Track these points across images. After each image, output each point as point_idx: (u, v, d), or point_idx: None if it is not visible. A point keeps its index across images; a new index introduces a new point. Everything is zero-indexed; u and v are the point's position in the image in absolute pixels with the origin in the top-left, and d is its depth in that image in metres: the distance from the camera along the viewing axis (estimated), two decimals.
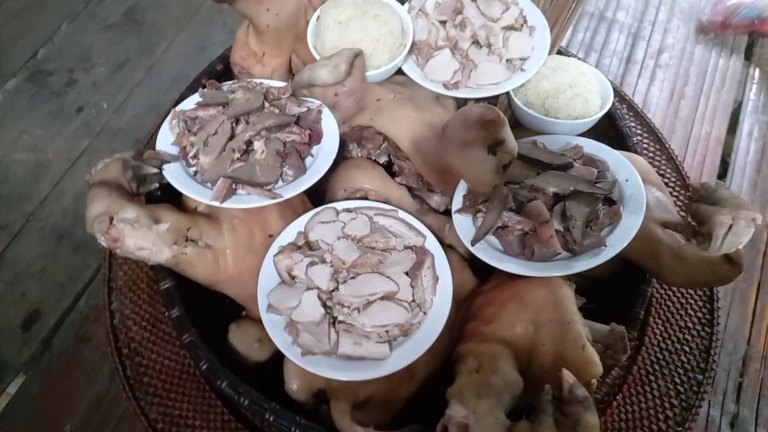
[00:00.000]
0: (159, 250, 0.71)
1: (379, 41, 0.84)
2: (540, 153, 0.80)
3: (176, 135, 0.81)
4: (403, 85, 0.88)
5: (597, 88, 0.90)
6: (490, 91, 0.87)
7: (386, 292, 0.71)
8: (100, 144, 1.50)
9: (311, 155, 0.83)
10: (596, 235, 0.72)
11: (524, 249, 0.75)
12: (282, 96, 0.83)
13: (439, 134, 0.78)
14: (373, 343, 0.70)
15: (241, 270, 0.76)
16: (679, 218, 0.76)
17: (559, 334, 0.66)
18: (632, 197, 0.76)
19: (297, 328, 0.70)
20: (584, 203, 0.73)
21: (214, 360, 0.72)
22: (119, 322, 0.89)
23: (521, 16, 0.92)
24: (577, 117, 0.86)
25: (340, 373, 0.68)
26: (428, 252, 0.78)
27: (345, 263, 0.72)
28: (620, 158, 0.80)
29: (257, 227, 0.78)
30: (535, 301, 0.69)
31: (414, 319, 0.72)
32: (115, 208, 0.69)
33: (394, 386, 0.75)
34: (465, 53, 0.89)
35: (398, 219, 0.79)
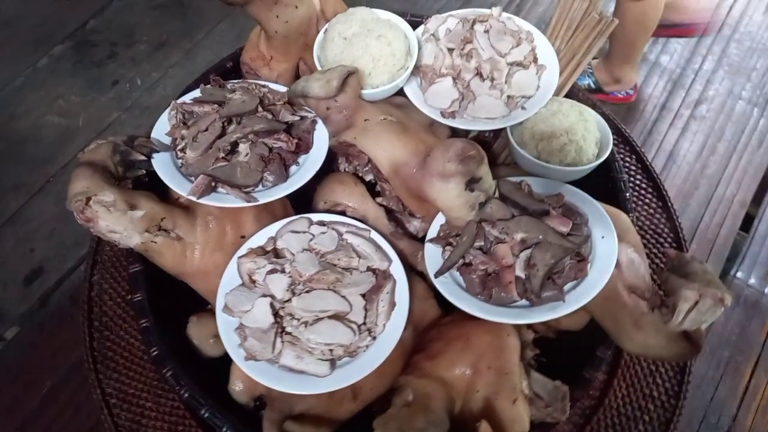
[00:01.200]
0: (129, 235, 0.74)
1: (379, 61, 0.84)
2: (519, 196, 0.79)
3: (171, 126, 0.84)
4: (400, 108, 0.88)
5: (596, 137, 0.88)
6: (484, 125, 0.87)
7: (337, 311, 0.72)
8: (127, 118, 1.56)
9: (297, 164, 0.85)
10: (556, 289, 0.71)
11: (484, 290, 0.74)
12: (277, 102, 0.85)
13: (421, 162, 0.78)
14: (315, 359, 0.70)
15: (207, 265, 0.78)
16: (648, 285, 0.73)
17: (494, 383, 0.65)
18: (604, 255, 0.74)
19: (245, 332, 0.71)
20: (550, 254, 0.72)
21: (164, 348, 0.74)
22: (96, 295, 0.93)
23: (532, 53, 0.91)
24: (569, 164, 0.85)
25: (278, 384, 0.69)
26: (391, 277, 0.78)
27: (302, 276, 0.73)
28: (601, 213, 0.78)
29: (231, 226, 0.80)
30: (479, 345, 0.68)
31: (361, 342, 0.72)
32: (94, 190, 0.72)
33: (334, 404, 0.76)
34: (467, 84, 0.88)
35: (368, 239, 0.80)
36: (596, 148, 0.87)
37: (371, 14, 0.88)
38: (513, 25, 0.94)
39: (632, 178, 1.04)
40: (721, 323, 1.25)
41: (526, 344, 0.76)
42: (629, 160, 1.06)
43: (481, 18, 0.94)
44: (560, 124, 0.86)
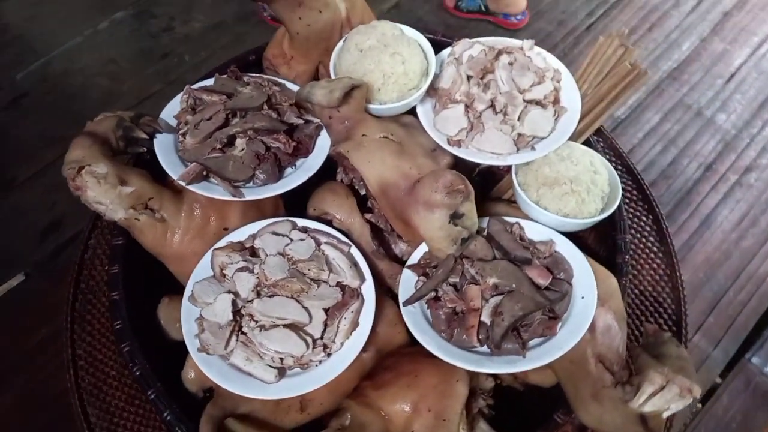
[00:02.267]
0: (115, 209, 0.76)
1: (389, 78, 0.83)
2: (505, 238, 0.76)
3: (181, 109, 0.86)
4: (406, 127, 0.87)
5: (604, 191, 0.84)
6: (488, 159, 0.84)
7: (295, 320, 0.71)
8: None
9: (293, 166, 0.85)
10: (518, 343, 0.68)
11: (448, 328, 0.72)
12: (284, 103, 0.85)
13: (410, 186, 0.76)
14: (264, 365, 0.70)
15: (185, 251, 0.79)
16: (619, 357, 0.69)
17: (430, 427, 0.63)
18: (579, 317, 0.71)
19: (203, 324, 0.72)
20: (520, 305, 0.69)
21: (127, 325, 0.76)
22: (89, 258, 0.96)
23: (554, 93, 0.87)
24: (567, 214, 0.81)
25: (224, 381, 0.70)
26: (359, 296, 0.77)
27: (268, 279, 0.73)
28: (588, 273, 0.74)
29: (216, 217, 0.81)
30: (425, 385, 0.67)
31: (314, 356, 0.72)
32: (89, 160, 0.75)
33: (281, 412, 0.75)
34: (478, 114, 0.86)
35: (346, 254, 0.79)
36: (601, 203, 0.83)
37: (393, 29, 0.87)
38: (541, 61, 0.91)
39: (642, 239, 0.99)
40: (723, 406, 1.17)
41: (482, 392, 0.74)
42: (644, 220, 1.01)
43: (509, 49, 0.91)
44: (566, 172, 0.82)
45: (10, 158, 1.48)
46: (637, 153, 1.43)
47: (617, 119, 1.49)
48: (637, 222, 1.00)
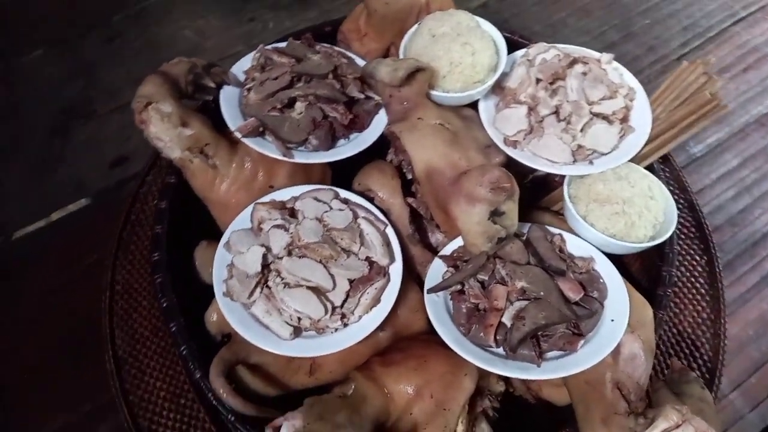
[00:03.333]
0: (172, 148, 0.79)
1: (456, 67, 0.83)
2: (543, 246, 0.75)
3: (251, 66, 0.89)
4: (464, 119, 0.86)
5: (658, 220, 0.80)
6: (542, 166, 0.82)
7: (318, 285, 0.72)
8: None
9: (346, 138, 0.86)
10: (534, 351, 0.67)
11: (467, 323, 0.71)
12: (349, 75, 0.86)
13: (455, 176, 0.76)
14: (281, 320, 0.72)
15: (229, 199, 0.82)
16: (639, 388, 0.67)
17: (429, 413, 0.63)
18: (604, 339, 0.68)
19: (233, 271, 0.74)
20: (544, 315, 0.67)
21: (164, 257, 0.79)
22: (143, 193, 1.01)
23: (624, 110, 0.84)
24: (613, 234, 0.78)
25: (242, 328, 0.71)
26: (386, 275, 0.77)
27: (300, 240, 0.74)
28: (623, 297, 0.72)
29: (264, 173, 0.83)
30: (432, 371, 0.66)
31: (331, 323, 0.73)
32: (157, 98, 0.78)
33: (290, 371, 0.77)
34: (540, 118, 0.84)
35: (380, 233, 0.79)
36: (652, 231, 0.79)
37: (470, 20, 0.87)
38: (617, 76, 0.88)
39: (691, 279, 0.94)
40: None
41: (490, 393, 0.73)
42: (697, 260, 0.96)
43: (585, 59, 0.89)
44: (621, 192, 0.79)
45: (95, 92, 1.57)
46: (707, 194, 1.35)
47: (692, 156, 1.41)
48: (689, 261, 0.95)
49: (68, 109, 1.52)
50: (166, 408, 0.84)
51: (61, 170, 1.41)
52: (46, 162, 1.43)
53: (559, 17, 1.76)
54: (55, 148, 1.45)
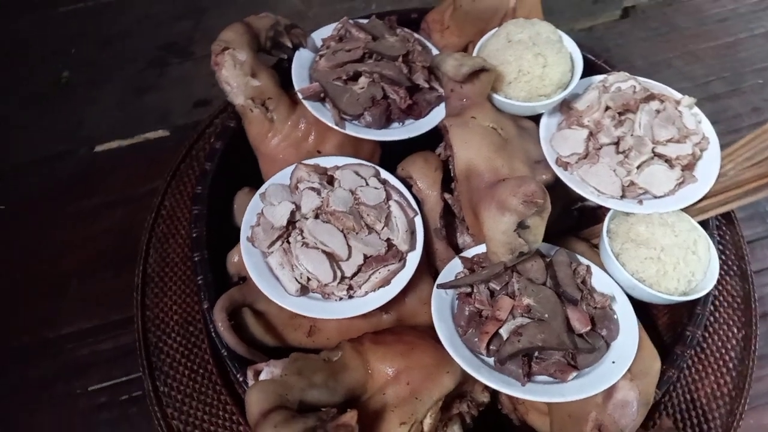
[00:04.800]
0: (237, 94, 0.84)
1: (524, 76, 0.82)
2: (563, 271, 0.73)
3: (330, 35, 0.92)
4: (520, 129, 0.85)
5: (694, 276, 0.76)
6: (588, 194, 0.80)
7: (334, 251, 0.75)
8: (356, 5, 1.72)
9: (401, 123, 0.88)
10: (522, 369, 0.65)
11: (466, 325, 0.71)
12: (419, 62, 0.87)
13: (493, 181, 0.76)
14: (291, 275, 0.75)
15: (277, 154, 0.86)
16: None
17: (400, 398, 0.64)
18: (598, 377, 0.66)
19: (260, 219, 0.78)
20: (542, 337, 0.66)
21: (206, 191, 0.85)
22: (209, 133, 1.07)
23: (690, 157, 0.80)
24: (642, 279, 0.75)
25: (254, 273, 0.75)
26: (403, 260, 0.78)
27: (328, 206, 0.76)
28: (632, 343, 0.69)
29: (315, 137, 0.87)
30: (416, 360, 0.67)
31: (337, 291, 0.75)
32: (235, 45, 0.83)
33: (290, 327, 0.80)
34: (598, 146, 0.82)
35: (408, 220, 0.80)
36: (686, 286, 0.76)
37: (551, 33, 0.85)
38: (693, 122, 0.84)
39: (721, 349, 0.88)
40: None
41: (472, 401, 0.72)
42: (733, 332, 0.89)
43: (663, 97, 0.85)
44: (661, 238, 0.76)
45: (197, 35, 1.67)
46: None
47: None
48: (725, 330, 0.90)
49: (169, 45, 1.63)
50: (175, 331, 0.90)
51: (149, 100, 1.52)
52: (138, 90, 1.54)
53: (664, 57, 1.68)
54: (149, 78, 1.56)
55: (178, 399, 0.84)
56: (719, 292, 0.91)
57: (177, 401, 0.84)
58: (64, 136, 1.45)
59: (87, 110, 1.50)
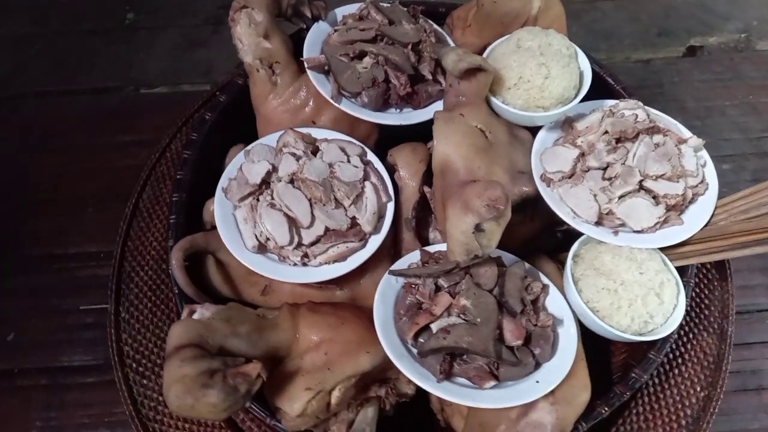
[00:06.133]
0: (247, 52, 0.87)
1: (524, 84, 0.81)
2: (512, 283, 0.72)
3: (351, 13, 0.94)
4: (513, 137, 0.84)
5: (651, 319, 0.73)
6: (564, 216, 0.78)
7: (296, 217, 0.77)
8: None
9: (399, 109, 0.88)
10: (441, 366, 0.65)
11: (404, 314, 0.72)
12: (429, 54, 0.87)
13: (465, 181, 0.75)
14: (251, 232, 0.77)
15: (273, 117, 0.89)
16: None
17: (314, 366, 0.65)
18: (516, 393, 0.65)
19: (237, 174, 0.81)
20: (468, 341, 0.65)
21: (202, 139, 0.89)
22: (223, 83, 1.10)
23: (679, 198, 0.77)
24: (594, 309, 0.73)
25: (220, 223, 0.78)
26: (364, 242, 0.79)
27: (301, 174, 0.78)
28: (563, 369, 0.67)
29: (313, 108, 0.89)
30: (341, 334, 0.68)
31: (292, 255, 0.77)
32: (254, 5, 0.86)
33: (246, 283, 0.83)
34: (586, 168, 0.80)
35: (380, 204, 0.81)
36: (639, 326, 0.73)
37: (563, 47, 0.83)
38: (693, 164, 0.80)
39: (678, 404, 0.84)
40: None
41: (393, 388, 0.72)
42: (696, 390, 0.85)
43: (668, 132, 0.82)
44: (624, 272, 0.73)
45: None
46: (756, 351, 1.18)
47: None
48: (687, 385, 0.85)
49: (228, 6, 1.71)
50: (149, 266, 0.95)
51: (199, 54, 1.59)
52: (191, 43, 1.61)
53: (720, 103, 1.60)
54: (203, 34, 1.63)
55: (135, 328, 0.89)
56: (692, 347, 0.87)
57: (134, 330, 0.88)
58: (115, 73, 1.55)
59: (141, 53, 1.59)
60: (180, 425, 0.82)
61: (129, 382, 0.84)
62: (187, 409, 0.56)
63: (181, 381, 0.56)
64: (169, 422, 0.82)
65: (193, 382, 0.55)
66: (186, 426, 0.82)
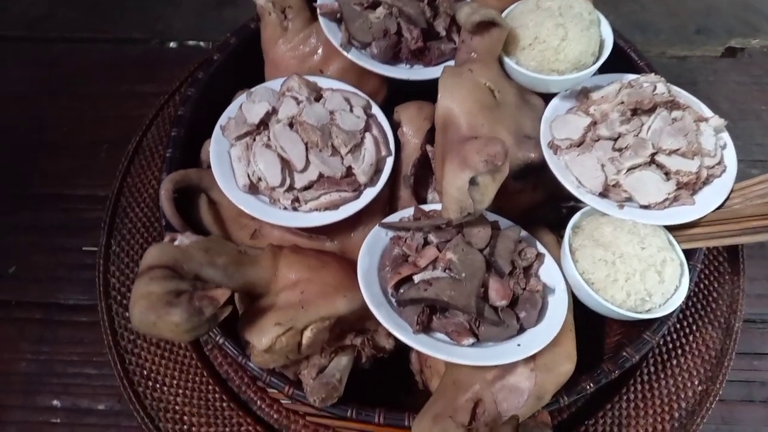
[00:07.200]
0: None
1: (538, 45, 0.77)
2: (503, 244, 0.69)
3: None
4: (523, 102, 0.81)
5: (651, 298, 0.69)
6: (569, 185, 0.74)
7: (290, 160, 0.75)
8: None
9: (409, 65, 0.86)
10: (418, 318, 0.63)
11: (388, 264, 0.69)
12: (445, 9, 0.85)
13: (466, 137, 0.73)
14: (244, 171, 0.76)
15: (281, 62, 0.87)
16: (495, 417, 0.60)
17: (288, 303, 0.64)
18: (492, 352, 0.62)
19: (237, 113, 0.80)
20: (450, 295, 0.63)
21: (206, 81, 0.87)
22: None
23: (692, 177, 0.73)
24: (588, 280, 0.69)
25: (214, 159, 0.77)
26: (358, 192, 0.77)
27: (300, 117, 0.77)
28: (547, 336, 0.64)
29: (322, 56, 0.87)
30: (320, 276, 0.67)
31: (282, 198, 0.75)
32: None
33: (236, 224, 0.82)
34: (596, 137, 0.76)
35: (379, 157, 0.79)
36: (636, 304, 0.69)
37: (586, 11, 0.79)
38: (711, 144, 0.76)
39: (672, 396, 0.79)
40: None
41: (370, 339, 0.70)
42: (693, 383, 0.80)
43: (688, 108, 0.78)
44: (624, 245, 0.69)
45: None
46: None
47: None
48: (684, 377, 0.80)
49: None
50: (145, 203, 0.95)
51: (226, 12, 1.59)
52: (219, 2, 1.62)
53: (755, 107, 1.53)
54: None
55: (124, 262, 0.88)
56: (693, 339, 0.83)
57: (123, 264, 0.88)
58: (142, 24, 1.56)
59: (169, 8, 1.59)
60: (157, 361, 0.81)
61: (111, 313, 0.84)
62: (149, 326, 0.54)
63: (147, 297, 0.55)
64: (146, 356, 0.82)
65: (158, 299, 0.54)
66: (162, 362, 0.81)
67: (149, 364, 0.82)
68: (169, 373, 0.82)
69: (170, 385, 0.80)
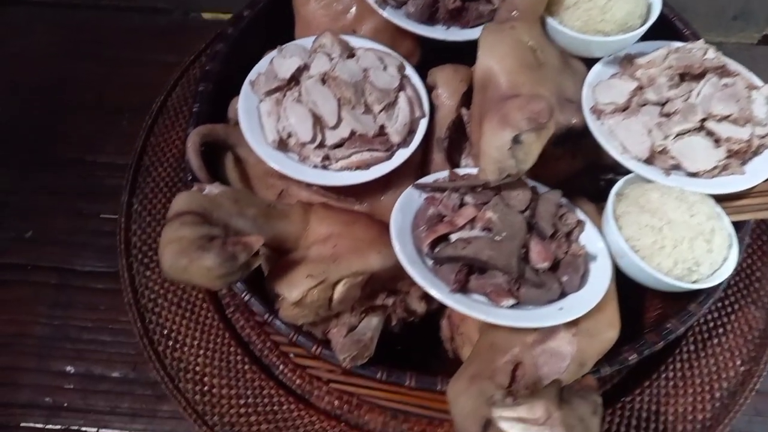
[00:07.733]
0: None
1: (584, 3, 0.74)
2: (545, 207, 0.66)
3: None
4: (565, 65, 0.77)
5: (698, 268, 0.65)
6: (612, 149, 0.71)
7: (322, 116, 0.72)
8: None
9: (446, 26, 0.83)
10: (457, 277, 0.60)
11: (422, 223, 0.66)
12: None
13: (507, 96, 0.69)
14: (274, 126, 0.73)
15: (312, 20, 0.84)
16: (535, 381, 0.57)
17: (319, 257, 0.61)
18: (533, 315, 0.60)
19: (267, 68, 0.77)
20: (490, 254, 0.60)
21: (225, 49, 0.85)
22: None
23: (743, 145, 0.69)
24: (634, 247, 0.66)
25: (243, 114, 0.74)
26: (390, 153, 0.74)
27: (332, 72, 0.74)
28: (589, 301, 0.61)
29: (354, 15, 0.84)
30: (352, 231, 0.64)
31: (312, 155, 0.72)
32: None
33: (263, 184, 0.79)
34: (643, 102, 0.73)
35: (413, 119, 0.76)
36: (683, 272, 0.65)
37: None
38: (763, 113, 0.72)
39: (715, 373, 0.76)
40: None
41: (403, 302, 0.68)
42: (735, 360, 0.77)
43: (739, 75, 0.74)
44: (672, 211, 0.66)
45: None
46: None
47: None
48: (726, 356, 0.77)
49: None
50: (168, 162, 0.93)
51: None
52: None
53: None
54: None
55: (146, 221, 0.86)
56: (735, 318, 0.79)
57: (144, 222, 0.86)
58: None
59: None
60: (177, 320, 0.79)
61: (132, 271, 0.82)
62: (179, 271, 0.52)
63: (178, 242, 0.52)
64: (167, 315, 0.80)
65: (190, 244, 0.52)
66: (183, 323, 0.79)
67: (170, 324, 0.80)
68: (190, 333, 0.79)
69: (191, 345, 0.78)
